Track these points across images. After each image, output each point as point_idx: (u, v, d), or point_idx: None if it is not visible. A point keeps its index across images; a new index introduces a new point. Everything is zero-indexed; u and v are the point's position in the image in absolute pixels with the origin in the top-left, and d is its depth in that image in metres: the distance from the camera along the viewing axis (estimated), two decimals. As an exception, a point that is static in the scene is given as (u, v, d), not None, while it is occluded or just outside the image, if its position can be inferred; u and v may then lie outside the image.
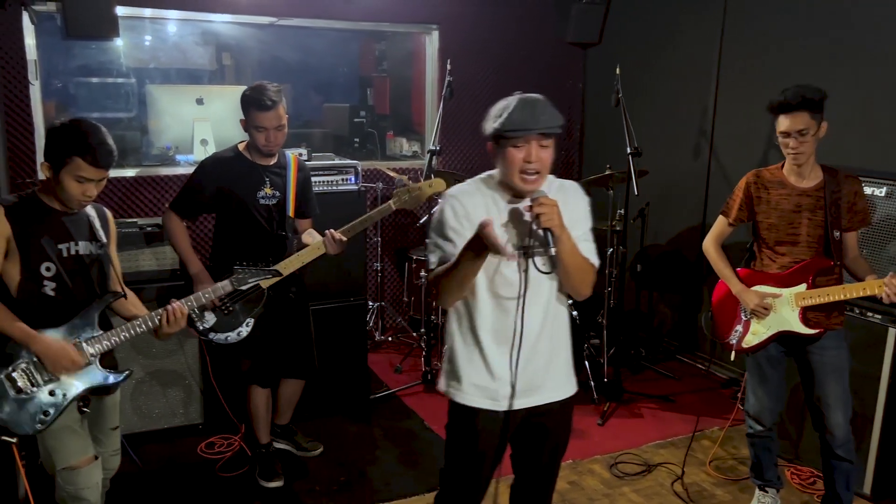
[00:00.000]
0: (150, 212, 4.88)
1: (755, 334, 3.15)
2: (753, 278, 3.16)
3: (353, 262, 4.29)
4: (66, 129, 2.43)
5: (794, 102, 2.87)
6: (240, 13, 5.06)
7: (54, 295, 2.52)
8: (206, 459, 3.80)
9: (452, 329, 2.41)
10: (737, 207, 3.18)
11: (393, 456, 3.92)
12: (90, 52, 5.85)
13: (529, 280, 2.25)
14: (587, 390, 4.63)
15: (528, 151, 2.19)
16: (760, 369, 3.21)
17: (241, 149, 3.40)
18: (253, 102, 3.22)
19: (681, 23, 5.32)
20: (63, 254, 2.54)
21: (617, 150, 4.65)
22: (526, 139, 2.18)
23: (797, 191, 3.04)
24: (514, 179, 2.23)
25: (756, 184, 3.12)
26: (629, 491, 3.63)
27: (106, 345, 2.55)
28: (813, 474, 3.71)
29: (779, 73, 4.57)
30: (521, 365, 2.29)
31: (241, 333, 3.34)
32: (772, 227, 3.08)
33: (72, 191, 2.45)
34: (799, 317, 3.04)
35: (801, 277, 3.03)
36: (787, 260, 3.07)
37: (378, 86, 6.92)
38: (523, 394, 2.34)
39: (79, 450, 2.56)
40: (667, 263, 5.58)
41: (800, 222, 3.02)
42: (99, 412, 2.73)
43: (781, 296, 3.06)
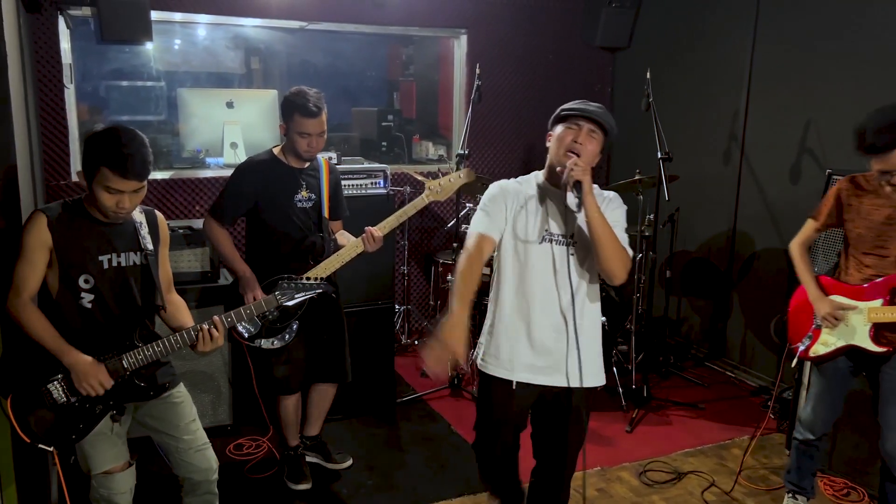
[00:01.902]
0: (181, 214, 4.92)
1: (824, 344, 3.07)
2: (832, 287, 3.08)
3: (380, 265, 4.30)
4: (98, 137, 2.37)
5: (880, 145, 2.69)
6: (270, 17, 5.08)
7: (91, 307, 2.48)
8: (235, 461, 3.82)
9: (490, 306, 2.70)
10: (826, 213, 3.08)
11: (420, 460, 3.92)
12: (122, 55, 5.94)
13: (559, 266, 2.52)
14: (615, 396, 4.60)
15: (577, 133, 2.47)
16: (824, 381, 3.13)
17: (276, 153, 3.42)
18: (298, 108, 3.23)
19: (712, 26, 5.27)
20: (104, 265, 2.50)
21: (646, 155, 4.61)
22: (578, 123, 2.47)
23: (892, 201, 2.89)
24: (559, 156, 2.48)
25: (848, 190, 3.01)
26: (658, 499, 3.59)
27: (142, 359, 2.50)
28: (847, 485, 3.65)
29: (813, 76, 4.51)
30: (542, 345, 2.56)
31: (287, 338, 3.36)
32: (860, 237, 2.97)
33: (104, 202, 2.39)
34: (870, 333, 2.95)
35: (880, 292, 2.93)
36: (872, 272, 2.96)
37: (404, 90, 6.94)
38: (543, 372, 2.58)
39: (113, 456, 2.56)
40: (696, 270, 5.52)
41: (890, 235, 2.89)
42: (165, 410, 2.66)
43: (856, 308, 2.98)
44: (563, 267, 2.51)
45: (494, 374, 2.64)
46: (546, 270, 2.53)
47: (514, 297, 2.59)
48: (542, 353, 2.57)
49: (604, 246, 2.42)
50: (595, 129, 2.48)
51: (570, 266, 2.51)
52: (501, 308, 2.62)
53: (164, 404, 2.66)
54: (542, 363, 2.57)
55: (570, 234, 2.53)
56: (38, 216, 2.42)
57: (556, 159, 2.50)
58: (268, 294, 3.26)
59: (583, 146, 2.45)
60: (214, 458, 2.77)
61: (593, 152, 2.49)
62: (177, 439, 2.69)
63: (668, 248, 5.17)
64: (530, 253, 2.54)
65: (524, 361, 2.58)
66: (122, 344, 2.50)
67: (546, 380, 2.59)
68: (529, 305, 2.56)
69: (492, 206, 2.57)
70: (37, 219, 2.42)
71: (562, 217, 2.55)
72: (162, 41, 6.08)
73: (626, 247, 2.49)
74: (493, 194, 2.60)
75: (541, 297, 2.54)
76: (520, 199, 2.57)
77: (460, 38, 5.74)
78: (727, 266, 5.22)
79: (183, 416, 2.70)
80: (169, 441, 2.70)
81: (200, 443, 2.73)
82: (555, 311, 2.54)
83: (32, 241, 2.40)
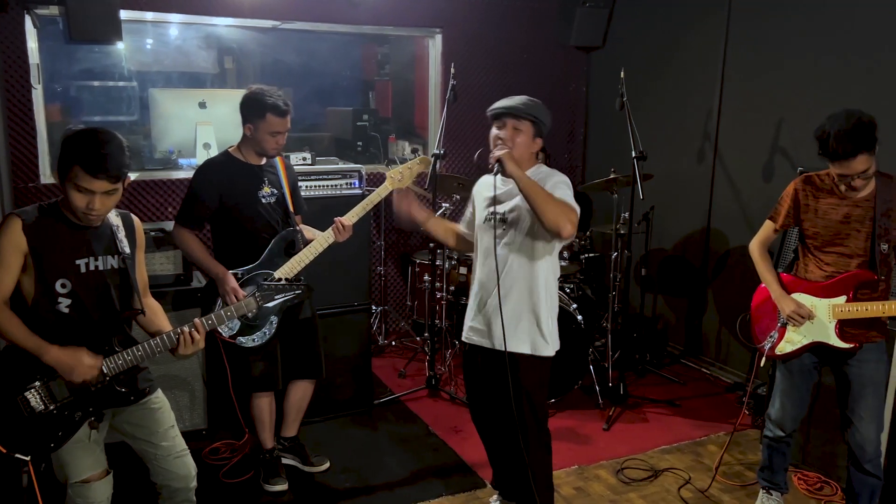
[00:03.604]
0: (153, 216, 4.86)
1: (790, 342, 3.09)
2: (795, 285, 3.10)
3: (356, 266, 4.27)
4: (76, 136, 2.34)
5: (842, 153, 2.73)
6: (242, 17, 5.04)
7: (68, 312, 2.44)
8: (211, 465, 3.77)
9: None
10: (784, 213, 3.10)
11: (397, 462, 3.90)
12: (93, 55, 5.84)
13: (497, 242, 2.89)
14: (592, 395, 4.61)
15: (502, 129, 2.85)
16: (791, 378, 3.16)
17: (232, 152, 3.40)
18: (271, 108, 3.23)
19: (685, 27, 5.31)
20: (81, 269, 2.45)
21: (620, 154, 4.63)
22: (502, 121, 2.84)
23: (847, 201, 2.92)
24: (491, 151, 2.82)
25: (804, 190, 3.03)
26: (636, 497, 3.60)
27: (121, 364, 2.46)
28: (820, 480, 3.69)
29: (784, 76, 4.56)
30: (480, 310, 3.00)
31: (267, 334, 3.34)
32: (817, 235, 3.01)
33: (75, 202, 2.35)
34: (835, 329, 2.98)
35: (843, 289, 2.96)
36: (833, 269, 2.99)
37: (380, 89, 6.91)
38: (478, 333, 3.02)
39: (91, 464, 2.51)
40: (671, 267, 5.56)
41: (847, 234, 2.93)
42: (143, 416, 2.62)
43: (819, 306, 3.01)
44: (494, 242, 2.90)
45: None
46: (488, 248, 2.91)
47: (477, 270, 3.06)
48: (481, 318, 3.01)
49: (538, 203, 2.68)
50: (518, 122, 2.82)
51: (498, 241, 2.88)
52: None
53: (143, 410, 2.62)
54: (480, 326, 3.01)
55: (499, 213, 2.90)
56: (12, 219, 2.38)
57: (490, 155, 2.82)
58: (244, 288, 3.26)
59: (509, 140, 2.82)
60: (193, 465, 2.74)
61: (523, 143, 2.85)
62: (155, 446, 2.65)
63: (644, 246, 5.20)
64: (481, 234, 2.99)
65: (468, 324, 3.07)
66: (101, 349, 2.46)
67: (479, 341, 3.02)
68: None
69: (470, 203, 3.15)
70: (11, 222, 2.37)
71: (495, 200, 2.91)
72: (134, 41, 5.99)
73: (568, 202, 2.75)
74: (472, 197, 3.15)
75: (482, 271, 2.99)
76: (481, 192, 3.06)
77: (435, 38, 5.73)
78: (702, 263, 5.26)
79: (161, 423, 2.66)
80: (147, 448, 2.66)
81: (179, 449, 2.70)
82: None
83: (6, 245, 2.36)
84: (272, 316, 3.34)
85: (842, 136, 2.71)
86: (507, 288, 2.89)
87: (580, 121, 6.35)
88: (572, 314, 4.44)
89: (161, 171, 4.94)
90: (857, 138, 2.71)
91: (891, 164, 3.85)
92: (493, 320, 2.92)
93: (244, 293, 3.19)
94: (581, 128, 6.37)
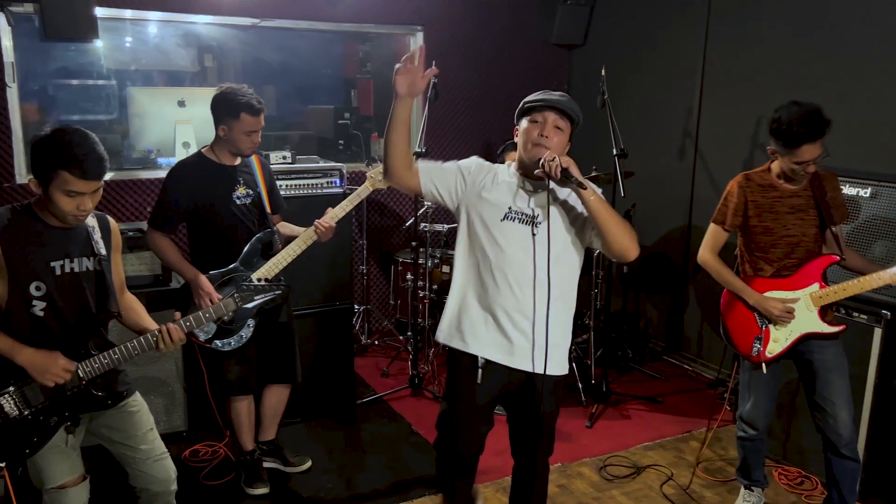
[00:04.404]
0: (131, 216, 4.81)
1: (777, 342, 3.08)
2: (761, 285, 3.09)
3: (338, 265, 4.25)
4: (49, 140, 2.27)
5: (817, 133, 2.81)
6: (221, 14, 5.00)
7: (43, 315, 2.39)
8: (191, 467, 3.74)
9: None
10: (732, 213, 3.11)
11: (380, 461, 3.88)
12: (70, 53, 5.76)
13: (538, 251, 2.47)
14: (575, 392, 4.62)
15: (542, 126, 2.43)
16: (759, 375, 3.16)
17: (205, 153, 3.36)
18: (245, 107, 3.19)
19: (665, 24, 5.33)
20: (56, 272, 2.41)
21: (602, 152, 4.64)
22: (543, 115, 2.44)
23: (788, 192, 3.02)
24: (527, 151, 2.44)
25: (749, 188, 3.07)
26: (618, 494, 3.61)
27: (98, 367, 2.43)
28: (801, 474, 3.72)
29: (764, 73, 4.59)
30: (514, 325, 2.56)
31: (243, 338, 3.31)
32: (767, 230, 3.04)
33: (64, 206, 2.30)
34: (819, 317, 3.01)
35: (812, 277, 3.00)
36: (784, 262, 3.04)
37: (362, 87, 6.87)
38: (514, 352, 2.58)
39: (67, 469, 2.48)
40: (653, 264, 5.58)
41: (794, 223, 3.01)
42: (121, 420, 2.59)
43: (798, 299, 3.02)
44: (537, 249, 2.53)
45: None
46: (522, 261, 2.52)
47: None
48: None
49: (612, 224, 2.39)
50: (560, 119, 2.45)
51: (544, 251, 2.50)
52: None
53: (121, 413, 2.59)
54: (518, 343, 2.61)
55: (535, 216, 2.51)
56: None
57: (526, 154, 2.47)
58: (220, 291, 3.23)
59: (549, 139, 2.42)
60: (173, 468, 2.70)
61: (561, 143, 2.47)
62: (134, 449, 2.61)
63: (626, 243, 5.20)
64: (503, 237, 2.52)
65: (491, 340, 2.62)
66: (77, 352, 2.42)
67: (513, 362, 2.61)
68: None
69: (456, 168, 2.60)
70: None
71: (529, 201, 2.53)
72: (112, 39, 5.92)
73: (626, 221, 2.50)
74: (463, 164, 2.62)
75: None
76: (486, 176, 2.58)
77: (416, 35, 5.71)
78: (683, 260, 5.29)
79: (140, 426, 2.63)
80: (126, 451, 2.62)
81: (158, 452, 2.66)
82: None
83: None
84: (249, 319, 3.31)
85: (803, 122, 2.80)
86: (553, 304, 2.51)
87: (562, 118, 6.35)
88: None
89: (140, 171, 4.89)
90: (817, 123, 2.81)
91: (877, 157, 3.90)
92: (537, 339, 2.52)
93: (219, 297, 3.16)
94: (563, 125, 6.36)
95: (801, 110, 2.82)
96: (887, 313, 3.35)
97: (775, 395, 3.25)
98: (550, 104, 2.44)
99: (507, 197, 2.52)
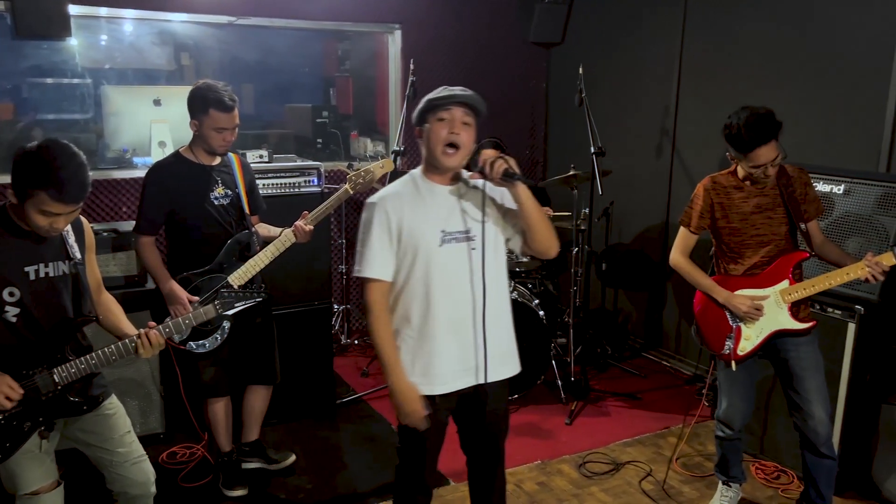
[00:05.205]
0: (106, 217, 4.75)
1: (748, 339, 3.10)
2: (732, 283, 3.11)
3: (317, 264, 4.23)
4: (33, 157, 2.22)
5: (768, 136, 2.84)
6: (197, 12, 4.96)
7: (16, 321, 2.35)
8: (168, 469, 3.71)
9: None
10: (697, 215, 3.14)
11: (360, 461, 3.87)
12: (43, 52, 5.69)
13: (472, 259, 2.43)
14: (554, 390, 4.64)
15: (451, 124, 2.33)
16: (732, 374, 3.18)
17: (182, 153, 3.33)
18: (214, 103, 3.16)
19: (642, 22, 5.35)
20: (30, 276, 2.37)
21: (581, 150, 4.66)
22: (450, 112, 2.33)
23: (754, 192, 3.04)
24: (437, 155, 2.35)
25: (714, 190, 3.10)
26: (597, 490, 3.63)
27: (74, 372, 2.39)
28: (777, 469, 3.76)
29: (740, 72, 4.62)
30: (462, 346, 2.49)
31: (218, 340, 3.28)
32: (735, 231, 3.07)
33: (38, 223, 2.27)
34: (789, 313, 3.04)
35: (781, 274, 3.02)
36: (755, 261, 3.06)
37: (341, 86, 6.84)
38: (467, 374, 2.52)
39: (41, 475, 2.44)
40: (631, 261, 5.61)
41: (762, 222, 3.03)
42: (97, 423, 2.55)
43: (768, 296, 3.05)
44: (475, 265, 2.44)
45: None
46: (460, 271, 2.42)
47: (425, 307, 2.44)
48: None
49: (539, 221, 2.40)
50: (466, 115, 2.36)
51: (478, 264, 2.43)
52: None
53: (96, 417, 2.55)
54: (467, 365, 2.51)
55: (467, 230, 2.43)
56: None
57: (440, 158, 2.36)
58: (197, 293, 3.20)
59: (459, 136, 2.34)
60: (152, 471, 2.68)
61: (471, 139, 2.39)
62: (111, 452, 2.58)
63: (604, 241, 5.25)
64: (441, 259, 2.40)
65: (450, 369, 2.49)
66: (53, 357, 2.39)
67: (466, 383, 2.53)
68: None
69: (378, 236, 2.39)
70: None
71: (459, 214, 2.44)
72: (86, 37, 5.85)
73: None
74: (374, 221, 2.39)
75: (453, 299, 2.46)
76: (403, 206, 2.40)
77: (394, 34, 5.69)
78: (661, 257, 5.32)
79: (117, 429, 2.60)
80: (102, 455, 2.59)
81: (136, 455, 2.63)
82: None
83: None
84: (224, 321, 3.28)
85: (752, 126, 2.84)
86: (493, 313, 2.47)
87: (540, 117, 6.37)
88: (534, 310, 4.45)
89: (115, 171, 4.83)
90: (766, 126, 2.84)
91: (851, 154, 3.95)
92: (482, 351, 2.46)
93: (191, 308, 3.13)
94: (542, 124, 6.39)
95: (750, 115, 2.85)
96: (861, 308, 3.39)
97: (752, 395, 3.27)
98: (457, 100, 2.34)
99: (434, 219, 2.40)
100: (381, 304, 2.43)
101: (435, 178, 2.44)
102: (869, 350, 3.44)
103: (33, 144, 2.24)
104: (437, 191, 2.43)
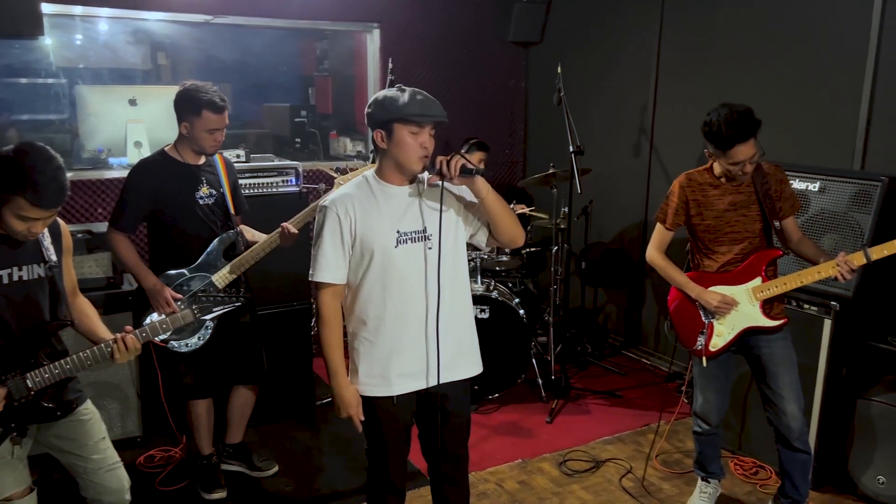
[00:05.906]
0: (82, 218, 4.69)
1: (720, 336, 3.12)
2: (706, 280, 3.13)
3: (296, 265, 4.19)
4: (9, 162, 2.18)
5: (747, 134, 2.85)
6: (173, 11, 4.91)
7: None
8: (146, 473, 3.67)
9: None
10: (672, 212, 3.16)
11: (340, 463, 3.85)
12: (16, 51, 5.61)
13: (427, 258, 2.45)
14: (535, 388, 4.64)
15: (423, 137, 2.37)
16: (712, 370, 3.20)
17: (168, 151, 3.30)
18: (207, 105, 3.14)
19: (620, 21, 5.38)
20: (4, 280, 2.33)
21: (560, 149, 4.67)
22: (423, 127, 2.36)
23: (729, 189, 3.06)
24: (412, 163, 2.38)
25: (690, 187, 3.12)
26: (578, 488, 3.64)
27: (48, 377, 2.35)
28: (755, 464, 3.79)
29: (717, 70, 4.66)
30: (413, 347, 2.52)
31: (202, 338, 3.25)
32: (709, 228, 3.09)
33: (15, 227, 2.24)
34: (761, 311, 3.06)
35: (754, 271, 3.04)
36: (729, 258, 3.08)
37: (320, 85, 6.82)
38: (415, 377, 2.55)
39: (13, 481, 2.39)
40: (610, 260, 5.63)
41: (737, 220, 3.05)
42: (72, 429, 2.51)
43: (738, 293, 3.07)
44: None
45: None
46: (413, 271, 2.44)
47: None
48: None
49: (504, 211, 2.45)
50: (433, 127, 2.41)
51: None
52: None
53: (71, 422, 2.52)
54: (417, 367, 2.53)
55: (423, 230, 2.45)
56: None
57: (407, 164, 2.38)
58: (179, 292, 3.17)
59: (429, 148, 2.40)
60: (126, 478, 2.65)
61: (432, 147, 2.45)
62: (85, 459, 2.54)
63: (583, 239, 5.26)
64: (395, 259, 2.41)
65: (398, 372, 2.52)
66: (26, 362, 2.34)
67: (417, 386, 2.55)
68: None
69: (331, 240, 2.40)
70: None
71: (415, 214, 2.45)
72: (61, 36, 5.78)
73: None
74: (326, 225, 2.41)
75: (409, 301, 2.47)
76: (356, 208, 2.40)
77: (373, 32, 5.67)
78: (640, 255, 5.34)
79: (91, 435, 2.56)
80: (76, 461, 2.55)
81: (111, 462, 2.60)
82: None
83: None
84: (208, 322, 3.26)
85: (732, 123, 2.84)
86: (449, 312, 2.48)
87: (520, 116, 6.38)
88: (514, 309, 4.46)
89: (90, 171, 4.77)
90: (746, 124, 2.85)
91: (826, 152, 3.99)
92: (435, 351, 2.48)
93: (177, 307, 3.10)
94: (521, 123, 6.39)
95: (730, 112, 2.86)
96: (836, 305, 3.43)
97: (728, 390, 3.30)
98: (437, 119, 2.38)
99: (388, 220, 2.41)
100: (333, 309, 2.48)
101: (393, 179, 2.44)
102: (844, 346, 3.48)
103: (9, 148, 2.21)
104: (392, 192, 2.44)
